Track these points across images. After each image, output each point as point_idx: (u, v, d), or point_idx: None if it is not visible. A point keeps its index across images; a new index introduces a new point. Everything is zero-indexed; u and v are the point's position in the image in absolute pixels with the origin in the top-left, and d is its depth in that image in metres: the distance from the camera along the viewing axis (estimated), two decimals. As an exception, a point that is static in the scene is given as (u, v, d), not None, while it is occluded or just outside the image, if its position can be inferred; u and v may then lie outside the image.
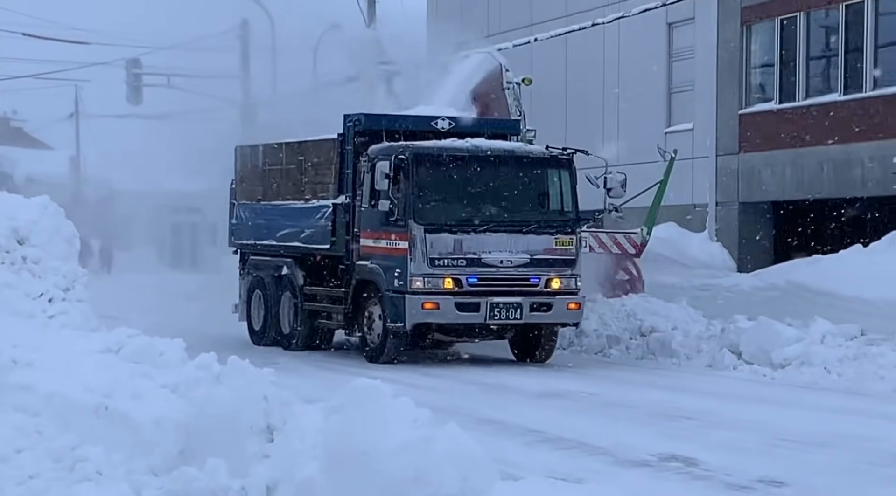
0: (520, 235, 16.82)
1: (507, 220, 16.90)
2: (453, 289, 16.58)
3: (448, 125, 17.85)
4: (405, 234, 16.63)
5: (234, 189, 21.10)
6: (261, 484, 6.76)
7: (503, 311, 16.65)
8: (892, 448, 10.52)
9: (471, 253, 16.65)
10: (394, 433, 6.20)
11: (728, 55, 26.38)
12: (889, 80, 23.16)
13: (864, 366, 15.40)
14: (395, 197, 16.60)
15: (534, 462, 9.67)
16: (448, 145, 17.15)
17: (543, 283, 16.87)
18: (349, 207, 17.74)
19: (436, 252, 16.55)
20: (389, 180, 16.50)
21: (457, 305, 16.55)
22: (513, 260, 16.75)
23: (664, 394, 14.41)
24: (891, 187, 22.67)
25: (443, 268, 16.59)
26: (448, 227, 16.66)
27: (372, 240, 17.25)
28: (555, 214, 17.28)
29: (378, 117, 18.22)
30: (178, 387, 7.98)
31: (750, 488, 8.95)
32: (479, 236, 16.68)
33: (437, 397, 13.35)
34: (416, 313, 16.53)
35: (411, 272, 16.55)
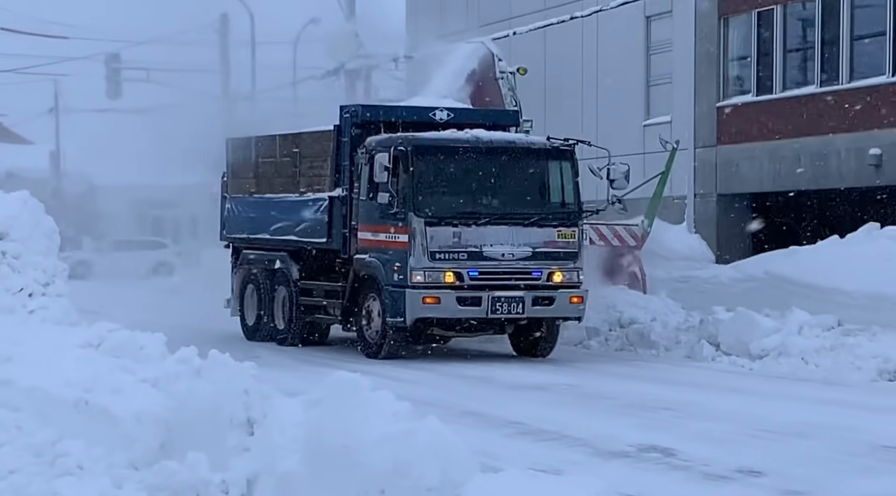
0: (521, 228, 16.48)
1: (509, 212, 16.55)
2: (454, 283, 16.23)
3: (446, 116, 17.44)
4: (405, 228, 16.27)
5: (225, 182, 20.70)
6: (241, 477, 6.76)
7: (505, 306, 16.29)
8: (869, 438, 10.57)
9: (472, 246, 16.31)
10: (374, 426, 6.21)
11: (706, 48, 26.43)
12: (865, 72, 23.24)
13: (841, 356, 15.47)
14: (394, 189, 16.23)
15: (514, 454, 9.69)
16: (448, 137, 16.82)
17: (546, 277, 16.53)
18: (346, 200, 17.35)
19: (436, 245, 16.20)
20: (389, 172, 16.13)
21: (458, 300, 16.21)
22: (514, 253, 16.42)
23: (643, 385, 14.45)
24: (867, 179, 22.77)
25: (443, 262, 16.25)
26: (449, 219, 16.32)
27: (370, 233, 16.88)
28: (557, 206, 16.95)
29: (375, 108, 17.85)
30: (159, 382, 7.95)
31: (728, 478, 8.99)
32: (480, 229, 16.33)
33: (418, 390, 13.37)
34: (417, 308, 16.16)
35: (411, 266, 16.19)
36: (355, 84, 31.25)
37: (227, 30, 38.96)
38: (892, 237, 18.45)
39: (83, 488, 7.11)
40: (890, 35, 22.80)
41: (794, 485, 8.74)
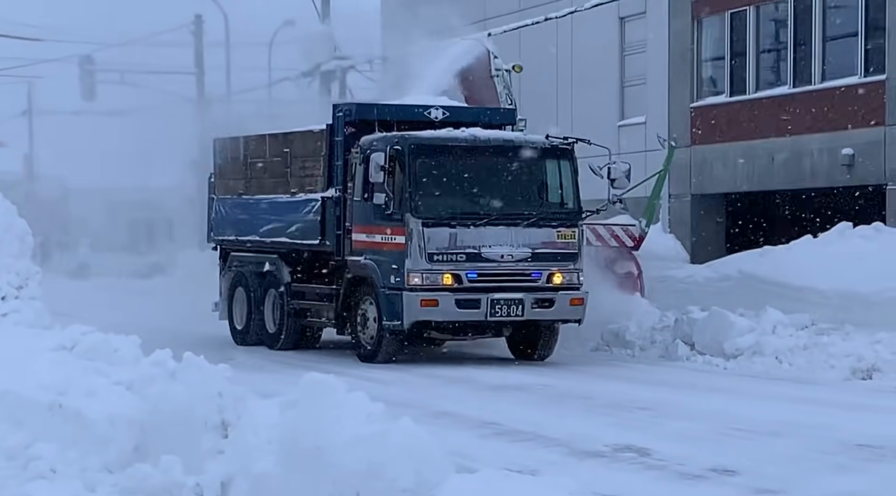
0: (520, 228, 16.09)
1: (508, 212, 16.14)
2: (452, 285, 15.82)
3: (441, 115, 17.03)
4: (401, 229, 15.88)
5: (212, 183, 20.23)
6: (215, 479, 6.74)
7: (504, 308, 15.91)
8: (842, 436, 10.61)
9: (470, 247, 15.92)
10: (347, 427, 6.19)
11: (679, 49, 26.51)
12: (837, 73, 23.35)
13: (815, 355, 15.53)
14: (390, 189, 15.84)
15: (490, 454, 9.69)
16: (445, 135, 16.40)
17: (545, 278, 16.15)
18: (340, 201, 16.94)
19: (434, 247, 15.80)
20: (385, 172, 15.75)
21: (457, 302, 15.80)
22: (514, 254, 16.04)
23: (619, 384, 14.48)
24: (840, 179, 22.87)
25: (441, 264, 15.83)
26: (446, 220, 15.92)
27: (365, 234, 16.47)
28: (556, 206, 16.59)
29: (369, 107, 17.37)
30: (133, 384, 7.92)
31: (702, 477, 9.01)
32: (479, 230, 15.95)
33: (394, 391, 13.36)
34: (415, 311, 15.77)
35: (409, 268, 15.78)
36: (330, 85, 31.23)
37: (201, 31, 38.86)
38: (864, 236, 18.55)
39: (56, 491, 7.08)
40: (861, 36, 22.92)
41: (768, 483, 8.76)
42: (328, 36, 29.52)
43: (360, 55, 29.67)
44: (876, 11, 22.63)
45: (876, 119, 22.46)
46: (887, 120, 22.26)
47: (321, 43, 29.02)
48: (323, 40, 29.07)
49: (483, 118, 17.41)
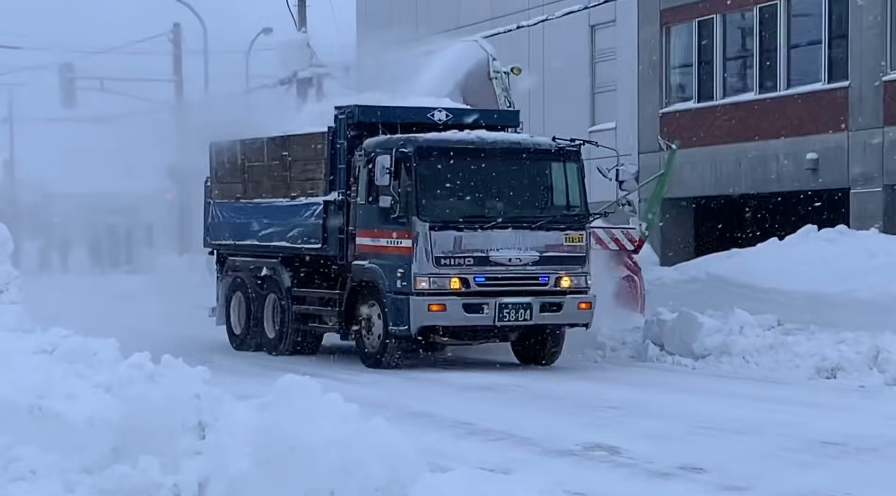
0: (528, 231, 15.60)
1: (515, 215, 15.66)
2: (460, 289, 15.31)
3: (445, 117, 16.49)
4: (408, 232, 15.36)
5: (208, 187, 19.64)
6: (193, 480, 6.72)
7: (512, 312, 15.41)
8: (807, 434, 10.67)
9: (478, 251, 15.40)
10: (322, 428, 6.20)
11: (648, 56, 26.63)
12: (802, 80, 23.51)
13: (781, 355, 15.61)
14: (395, 192, 15.34)
15: (463, 453, 9.70)
16: (451, 137, 15.88)
17: (553, 282, 15.66)
18: (343, 204, 16.38)
19: (441, 250, 15.29)
20: (390, 175, 15.24)
21: (464, 306, 15.28)
22: (521, 257, 15.53)
23: (590, 384, 14.51)
24: (805, 183, 23.01)
25: (449, 268, 15.33)
26: (453, 223, 15.39)
27: (370, 238, 15.96)
28: (563, 209, 16.09)
29: (372, 109, 16.68)
30: (112, 387, 7.90)
31: (671, 475, 9.04)
32: (487, 233, 15.43)
33: (370, 392, 13.36)
34: (422, 316, 15.25)
35: (416, 272, 15.26)
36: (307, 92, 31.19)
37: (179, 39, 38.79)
38: (828, 239, 18.67)
39: (36, 492, 7.05)
40: (825, 43, 23.08)
41: (735, 480, 8.81)
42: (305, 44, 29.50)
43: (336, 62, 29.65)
44: (839, 20, 22.80)
45: (839, 124, 22.62)
46: (850, 125, 22.43)
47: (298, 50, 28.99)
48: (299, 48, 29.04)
49: (488, 120, 16.93)
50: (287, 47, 29.34)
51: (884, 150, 21.86)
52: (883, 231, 19.52)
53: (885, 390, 13.92)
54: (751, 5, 24.43)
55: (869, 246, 17.81)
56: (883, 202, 21.71)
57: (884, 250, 17.56)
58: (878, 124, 21.95)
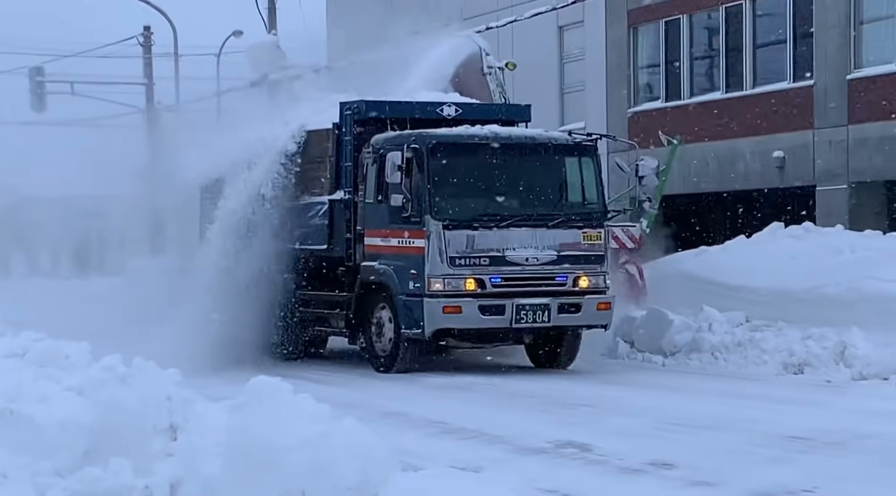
0: (545, 230, 14.93)
1: (531, 213, 14.98)
2: (476, 290, 14.66)
3: (454, 112, 15.89)
4: (420, 231, 14.68)
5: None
6: (165, 482, 6.70)
7: (530, 314, 14.76)
8: (775, 429, 10.72)
9: (493, 250, 14.74)
10: (294, 428, 6.19)
11: (616, 56, 26.70)
12: (767, 79, 23.63)
13: (749, 351, 15.68)
14: (407, 191, 14.65)
15: (436, 452, 9.69)
16: (464, 133, 15.19)
17: (571, 282, 15.03)
18: (349, 204, 15.73)
19: (456, 250, 14.64)
20: (402, 172, 14.54)
21: (480, 308, 14.63)
22: (539, 257, 14.88)
23: (560, 382, 14.54)
24: (771, 180, 23.12)
25: (464, 268, 14.68)
26: (468, 222, 14.72)
27: (380, 238, 15.31)
28: (581, 206, 15.41)
29: (380, 104, 15.93)
30: (84, 390, 7.85)
31: (641, 471, 9.07)
32: (502, 232, 14.75)
33: (343, 392, 13.35)
34: (437, 318, 14.61)
35: (429, 273, 14.61)
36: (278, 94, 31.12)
37: (149, 42, 38.64)
38: (795, 236, 18.75)
39: None
40: (790, 43, 23.20)
41: (704, 476, 8.84)
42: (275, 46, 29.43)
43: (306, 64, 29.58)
44: (803, 19, 22.92)
45: (805, 123, 22.74)
46: (815, 123, 22.55)
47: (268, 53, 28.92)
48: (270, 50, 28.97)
49: (498, 115, 16.32)
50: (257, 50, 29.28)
51: (848, 148, 21.99)
52: (848, 228, 19.63)
53: (851, 385, 14.00)
54: (716, 5, 24.54)
55: (835, 242, 17.90)
56: (848, 199, 21.84)
57: (849, 246, 17.65)
58: (843, 122, 22.09)
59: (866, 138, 21.69)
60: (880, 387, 13.65)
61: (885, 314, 14.90)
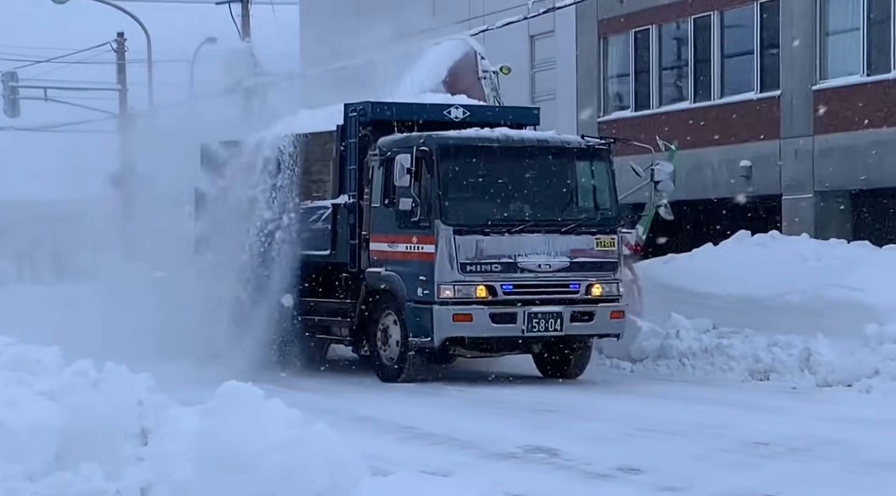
0: (557, 236, 14.42)
1: (544, 218, 14.48)
2: (487, 297, 14.13)
3: (462, 114, 15.31)
4: (430, 237, 14.14)
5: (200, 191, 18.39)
6: (135, 486, 6.66)
7: (542, 322, 14.24)
8: (741, 435, 10.77)
9: (505, 256, 14.22)
10: (265, 433, 6.17)
11: (587, 66, 26.78)
12: (735, 89, 23.76)
13: (716, 357, 15.75)
14: (416, 194, 14.13)
15: (406, 457, 9.69)
16: (475, 135, 14.66)
17: (584, 290, 14.52)
18: (354, 208, 15.12)
19: (466, 256, 14.12)
20: (411, 175, 13.99)
21: (491, 316, 14.11)
22: (551, 264, 14.36)
23: (530, 388, 14.55)
24: (738, 189, 23.23)
25: (474, 275, 14.13)
26: (479, 227, 14.21)
27: (386, 243, 14.73)
28: (594, 211, 14.94)
29: (387, 105, 15.33)
30: (56, 394, 7.81)
31: (609, 476, 9.09)
32: (514, 237, 14.24)
33: (315, 398, 13.32)
34: (447, 326, 14.09)
35: (439, 279, 14.08)
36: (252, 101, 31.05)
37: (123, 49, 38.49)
38: (761, 244, 18.84)
39: (-22, 500, 6.96)
40: (757, 54, 23.35)
41: (671, 481, 8.86)
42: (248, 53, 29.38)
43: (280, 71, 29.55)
44: (770, 31, 23.07)
45: (771, 133, 22.88)
46: (782, 133, 22.69)
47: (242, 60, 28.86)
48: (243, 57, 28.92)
49: (506, 118, 15.66)
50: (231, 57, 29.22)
51: (814, 158, 22.13)
52: (814, 236, 19.75)
53: (816, 391, 14.09)
54: (686, 16, 24.65)
55: (800, 251, 18.00)
56: (813, 208, 21.97)
57: (814, 255, 17.75)
58: (809, 132, 22.23)
59: (831, 148, 21.84)
60: (844, 394, 13.74)
61: (850, 322, 14.98)
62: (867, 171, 21.15)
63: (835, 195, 22.05)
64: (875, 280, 15.85)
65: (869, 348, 14.28)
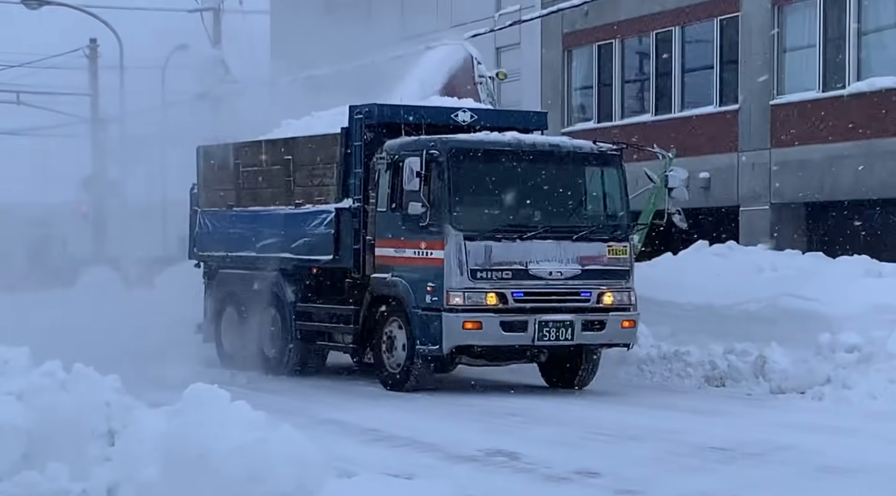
0: (569, 243, 13.89)
1: (556, 224, 13.95)
2: (497, 305, 13.56)
3: (469, 118, 14.79)
4: (439, 242, 13.59)
5: (195, 195, 17.75)
6: (101, 486, 6.62)
7: (553, 331, 13.71)
8: (696, 440, 10.81)
9: (516, 263, 13.66)
10: (230, 435, 6.15)
11: (551, 78, 26.86)
12: (695, 103, 23.90)
13: (674, 364, 15.81)
14: (425, 199, 13.59)
15: (370, 459, 9.66)
16: (485, 139, 14.14)
17: (595, 298, 14.01)
18: (358, 212, 14.54)
19: (477, 262, 13.56)
20: (421, 179, 13.49)
21: (501, 324, 13.55)
22: (562, 271, 13.82)
23: (491, 393, 14.54)
24: (697, 200, 23.33)
25: (485, 281, 13.57)
26: (490, 233, 13.65)
27: (393, 249, 14.15)
28: (606, 218, 14.42)
29: (393, 108, 14.76)
30: (24, 394, 7.75)
31: (568, 479, 9.10)
32: (526, 244, 13.68)
33: (282, 400, 13.27)
34: (456, 334, 13.50)
35: (449, 286, 13.49)
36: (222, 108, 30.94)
37: (95, 54, 38.29)
38: (719, 254, 18.94)
39: (-55, 499, 6.89)
40: (716, 69, 23.51)
41: (628, 484, 8.88)
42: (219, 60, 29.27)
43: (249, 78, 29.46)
44: (730, 46, 23.24)
45: (730, 146, 23.02)
46: (740, 147, 22.85)
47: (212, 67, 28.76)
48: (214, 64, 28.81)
49: (513, 122, 15.16)
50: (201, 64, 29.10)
51: (770, 171, 22.29)
52: (770, 247, 19.87)
53: (770, 398, 14.17)
54: (648, 31, 24.79)
55: (757, 261, 18.10)
56: (770, 219, 22.12)
57: (770, 265, 17.86)
58: (766, 146, 22.39)
59: (787, 161, 22.00)
60: (797, 401, 13.82)
61: (804, 331, 15.08)
62: (822, 184, 21.32)
63: (790, 207, 22.21)
64: (828, 290, 15.97)
65: (822, 357, 14.38)
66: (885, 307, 15.25)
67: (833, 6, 21.41)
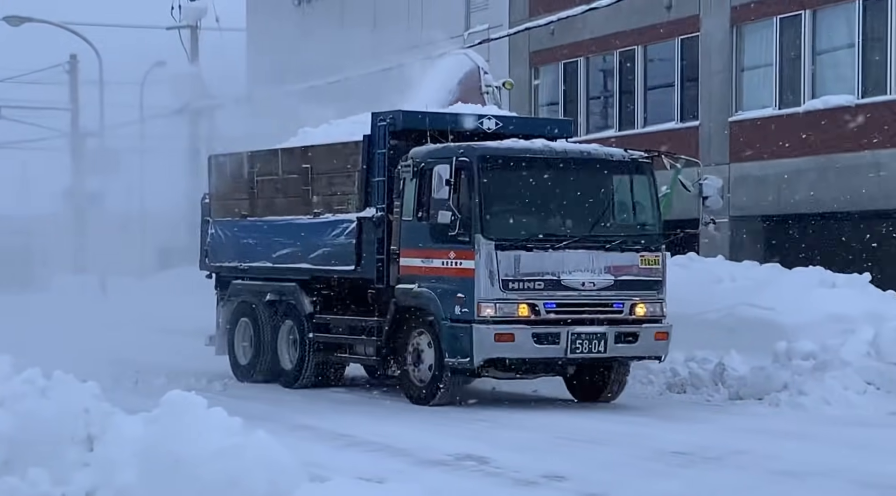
0: (602, 253, 13.19)
1: (588, 234, 13.25)
2: (529, 316, 12.87)
3: (494, 125, 14.11)
4: (470, 252, 12.86)
5: (206, 204, 16.93)
6: (81, 491, 6.57)
7: (585, 343, 13.03)
8: (658, 444, 10.84)
9: (548, 273, 12.97)
10: (207, 441, 6.11)
11: (519, 95, 26.92)
12: (657, 119, 24.04)
13: (637, 371, 15.82)
14: (454, 207, 12.87)
15: (342, 464, 9.63)
16: (515, 146, 13.45)
17: (628, 309, 13.32)
18: (382, 221, 13.81)
19: (508, 273, 12.86)
20: (450, 187, 12.79)
21: (534, 336, 12.86)
22: (595, 282, 13.14)
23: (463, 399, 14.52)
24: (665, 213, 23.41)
25: (516, 292, 12.87)
26: (522, 242, 12.94)
27: (420, 259, 13.37)
28: (639, 227, 13.76)
29: (419, 115, 14.00)
30: (5, 401, 7.68)
31: (535, 483, 9.10)
32: (558, 254, 12.98)
33: (256, 406, 13.21)
34: (487, 347, 12.76)
35: (480, 297, 12.76)
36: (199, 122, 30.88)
37: (76, 70, 38.13)
38: (680, 265, 18.99)
39: (-74, 505, 6.81)
40: (678, 87, 23.65)
41: (594, 488, 8.89)
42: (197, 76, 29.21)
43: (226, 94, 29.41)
44: (691, 65, 23.39)
45: (690, 161, 23.13)
46: (700, 162, 22.95)
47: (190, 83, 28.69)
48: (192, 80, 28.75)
49: (540, 129, 14.52)
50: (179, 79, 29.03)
51: (730, 185, 22.41)
52: (728, 258, 19.97)
53: (729, 404, 14.23)
54: (612, 50, 24.91)
55: (716, 272, 18.18)
56: (729, 232, 22.24)
57: (729, 275, 17.94)
58: (725, 161, 22.53)
59: (746, 176, 22.14)
60: (755, 407, 13.88)
61: (761, 339, 15.15)
62: (778, 197, 21.46)
63: (748, 220, 22.34)
64: (785, 300, 16.06)
65: (778, 364, 14.45)
66: (839, 316, 15.35)
67: (789, 27, 21.59)
